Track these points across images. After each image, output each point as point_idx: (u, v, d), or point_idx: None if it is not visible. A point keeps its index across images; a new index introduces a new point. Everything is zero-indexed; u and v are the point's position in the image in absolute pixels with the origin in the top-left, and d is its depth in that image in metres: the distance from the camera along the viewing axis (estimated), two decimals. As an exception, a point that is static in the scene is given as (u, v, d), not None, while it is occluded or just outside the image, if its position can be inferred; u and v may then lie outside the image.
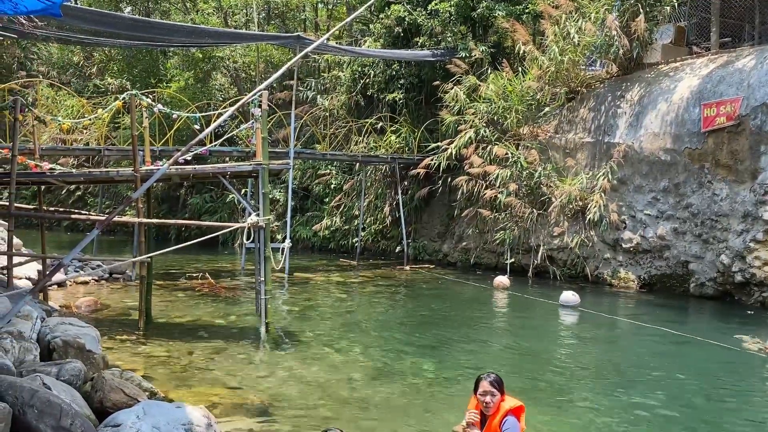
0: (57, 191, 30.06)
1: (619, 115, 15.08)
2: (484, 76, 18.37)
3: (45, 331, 6.96)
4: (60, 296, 12.18)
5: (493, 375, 4.48)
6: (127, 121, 20.08)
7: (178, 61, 25.91)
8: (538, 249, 15.85)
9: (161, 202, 26.96)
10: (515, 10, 18.61)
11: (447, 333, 9.91)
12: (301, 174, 23.90)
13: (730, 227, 12.53)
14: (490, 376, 4.46)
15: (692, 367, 8.19)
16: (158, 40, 17.16)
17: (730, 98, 12.60)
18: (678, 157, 13.53)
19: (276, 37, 20.63)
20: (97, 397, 5.45)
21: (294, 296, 13.36)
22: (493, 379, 4.43)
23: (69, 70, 31.81)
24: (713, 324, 11.09)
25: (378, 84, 21.20)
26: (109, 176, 10.85)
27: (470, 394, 4.64)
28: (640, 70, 15.51)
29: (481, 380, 4.44)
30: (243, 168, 10.03)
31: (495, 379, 4.43)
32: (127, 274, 14.89)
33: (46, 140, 17.50)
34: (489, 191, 16.46)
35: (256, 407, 6.24)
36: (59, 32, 16.26)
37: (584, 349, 9.31)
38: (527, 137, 16.80)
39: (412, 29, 20.25)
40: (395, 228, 20.31)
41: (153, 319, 10.20)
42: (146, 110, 10.86)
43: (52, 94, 25.06)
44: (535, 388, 6.99)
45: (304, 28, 28.21)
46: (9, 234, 9.50)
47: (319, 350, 8.60)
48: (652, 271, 14.03)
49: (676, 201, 13.57)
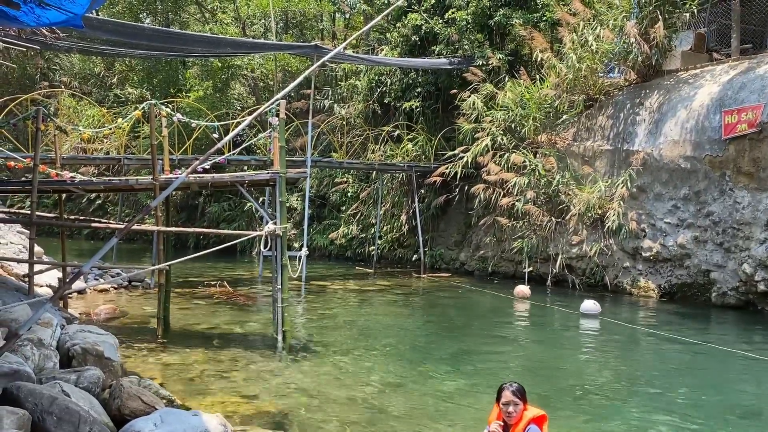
0: (78, 200, 30.44)
1: (638, 122, 14.94)
2: (502, 84, 18.31)
3: (64, 338, 7.03)
4: (80, 304, 12.30)
5: (516, 384, 4.42)
6: (146, 130, 20.29)
7: (197, 71, 26.18)
8: (556, 258, 15.70)
9: (180, 211, 27.18)
10: (532, 18, 18.56)
11: (466, 343, 9.84)
12: (318, 182, 23.98)
13: (752, 236, 12.32)
14: (512, 385, 4.39)
15: (715, 378, 8.04)
16: (177, 50, 17.34)
17: (752, 105, 12.42)
18: (698, 165, 13.36)
19: (294, 47, 20.77)
20: (115, 404, 5.48)
21: (311, 304, 13.36)
22: (515, 388, 4.36)
23: (90, 80, 32.29)
24: (736, 334, 10.88)
25: (395, 92, 21.23)
26: (128, 185, 10.96)
27: (491, 405, 4.58)
28: (660, 77, 15.36)
29: (504, 389, 4.38)
30: (260, 176, 10.07)
31: (517, 389, 4.36)
32: (146, 282, 15.00)
33: (68, 149, 17.77)
34: (506, 199, 16.37)
35: (273, 416, 6.23)
36: (81, 43, 16.48)
37: (606, 359, 9.18)
38: (545, 145, 16.69)
39: (429, 37, 20.27)
40: (412, 236, 20.26)
41: (171, 327, 10.26)
42: (165, 119, 10.96)
43: (73, 104, 25.46)
44: (557, 398, 6.90)
45: (322, 38, 28.37)
46: (30, 242, 9.62)
47: (336, 359, 8.58)
48: (673, 280, 13.83)
49: (697, 209, 13.39)
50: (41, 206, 22.93)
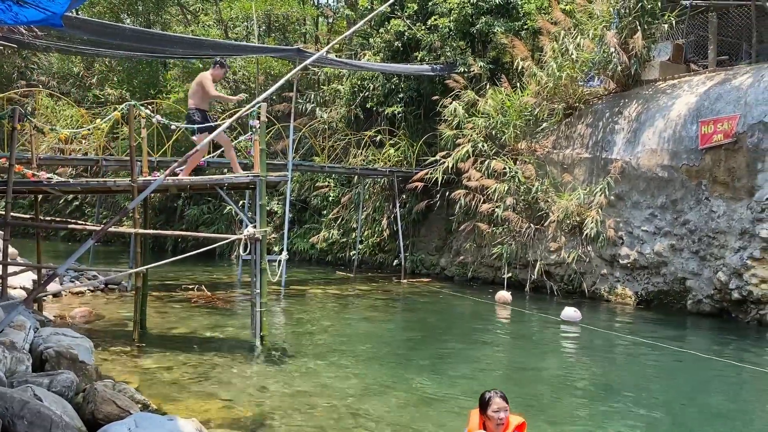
0: (55, 201, 30.01)
1: (617, 131, 15.12)
2: (483, 91, 18.42)
3: (38, 341, 6.91)
4: (55, 307, 12.11)
5: (500, 391, 4.42)
6: (125, 131, 20.08)
7: (177, 73, 25.98)
8: (535, 264, 15.81)
9: (158, 213, 26.92)
10: (514, 26, 18.72)
11: (446, 348, 9.86)
12: (300, 186, 23.90)
13: (727, 244, 12.52)
14: (498, 392, 4.39)
15: (692, 384, 8.15)
16: (159, 51, 17.19)
17: (728, 116, 12.64)
18: (675, 174, 13.56)
19: (276, 50, 20.70)
20: (89, 408, 5.40)
21: (290, 309, 13.29)
22: (502, 394, 4.36)
23: (69, 80, 31.90)
24: (711, 340, 11.04)
25: (377, 97, 21.25)
26: (106, 186, 10.83)
27: (472, 409, 4.51)
28: (638, 87, 15.57)
29: (493, 397, 4.31)
30: (240, 179, 10.01)
31: (503, 395, 4.37)
32: (122, 285, 14.82)
33: (45, 150, 17.49)
34: (486, 205, 16.45)
35: (250, 421, 6.18)
36: (60, 42, 16.27)
37: (587, 365, 9.24)
38: (525, 152, 16.82)
39: (411, 44, 20.34)
40: (393, 241, 20.28)
41: (148, 331, 10.15)
42: (145, 121, 10.85)
43: (51, 104, 25.08)
44: (537, 406, 6.92)
45: (305, 42, 28.33)
46: (4, 243, 9.46)
47: (314, 364, 8.54)
48: (650, 287, 14.00)
49: (674, 217, 13.58)
50: (17, 207, 22.52)
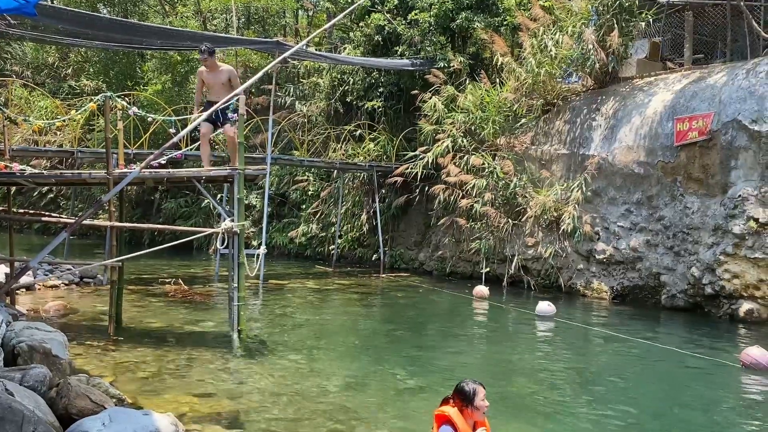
0: (28, 193, 29.50)
1: (594, 127, 15.26)
2: (463, 86, 18.48)
3: (10, 335, 6.80)
4: (28, 300, 11.93)
5: (472, 379, 4.38)
6: (101, 123, 19.79)
7: (155, 64, 25.64)
8: (512, 259, 15.94)
9: (135, 206, 26.60)
10: (494, 22, 18.78)
11: (423, 342, 9.90)
12: (278, 180, 23.76)
13: (700, 240, 12.73)
14: (474, 380, 4.30)
15: (663, 377, 8.29)
16: (136, 42, 16.96)
17: (702, 113, 12.83)
18: (651, 170, 13.73)
19: (255, 42, 20.52)
20: (62, 403, 5.33)
21: (268, 303, 13.24)
22: (478, 381, 4.31)
23: (43, 70, 31.29)
24: (684, 335, 11.22)
25: (357, 91, 21.19)
26: (81, 178, 10.66)
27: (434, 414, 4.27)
28: (616, 84, 15.73)
29: (477, 387, 4.22)
30: (218, 173, 9.92)
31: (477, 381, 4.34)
32: (98, 279, 14.63)
33: (18, 141, 17.18)
34: (465, 200, 16.53)
35: (227, 415, 6.16)
36: (34, 32, 15.97)
37: (559, 359, 9.35)
38: (504, 148, 16.92)
39: (391, 38, 20.31)
40: (372, 236, 20.28)
41: (124, 325, 10.04)
42: (121, 112, 10.71)
43: (25, 95, 24.61)
44: (510, 398, 7.00)
45: (284, 34, 28.13)
46: (-24, 236, 9.28)
47: (292, 358, 8.53)
48: (625, 282, 14.18)
49: (649, 213, 13.76)
50: (-11, 199, 22.11)
